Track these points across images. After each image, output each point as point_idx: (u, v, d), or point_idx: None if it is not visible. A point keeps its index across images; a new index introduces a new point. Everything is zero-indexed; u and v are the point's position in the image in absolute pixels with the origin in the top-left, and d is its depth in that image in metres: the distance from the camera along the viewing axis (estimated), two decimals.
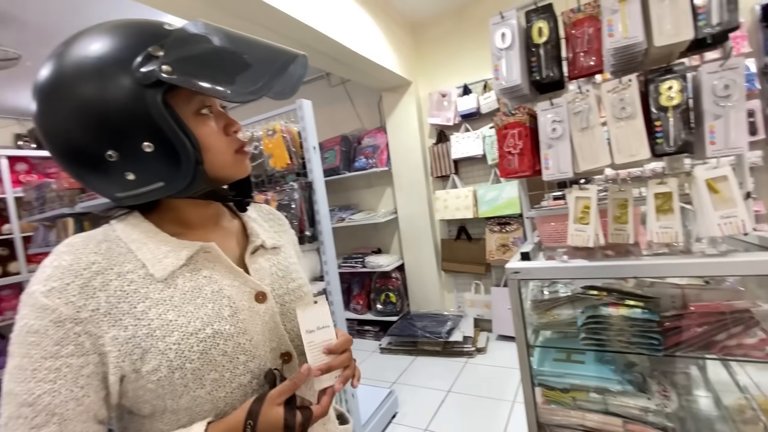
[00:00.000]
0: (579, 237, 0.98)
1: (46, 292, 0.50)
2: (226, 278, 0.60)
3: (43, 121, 0.52)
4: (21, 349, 0.49)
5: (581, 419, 1.07)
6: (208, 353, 0.54)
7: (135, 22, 0.54)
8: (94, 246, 0.54)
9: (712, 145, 0.87)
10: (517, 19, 1.06)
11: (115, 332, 0.51)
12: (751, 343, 0.89)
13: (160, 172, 0.53)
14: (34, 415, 0.48)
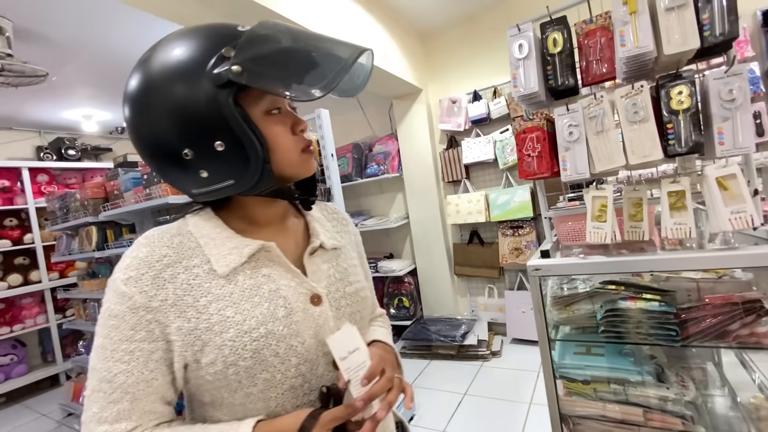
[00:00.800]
0: (597, 234, 1.04)
1: (125, 280, 0.54)
2: (283, 278, 0.60)
3: (133, 124, 0.56)
4: (104, 330, 0.54)
5: (602, 410, 1.12)
6: (261, 353, 0.55)
7: (210, 25, 0.57)
8: (168, 240, 0.57)
9: (721, 146, 0.93)
10: (533, 31, 1.14)
11: (180, 323, 0.54)
12: (763, 331, 0.93)
13: (231, 170, 0.55)
14: (111, 391, 0.52)
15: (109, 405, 0.52)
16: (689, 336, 1.00)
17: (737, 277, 1.11)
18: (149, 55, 0.56)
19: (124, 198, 2.82)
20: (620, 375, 1.11)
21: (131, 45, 3.14)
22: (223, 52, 0.52)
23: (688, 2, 0.93)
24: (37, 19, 2.62)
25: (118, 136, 4.96)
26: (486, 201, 3.47)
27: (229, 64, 0.51)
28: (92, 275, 3.43)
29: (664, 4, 0.94)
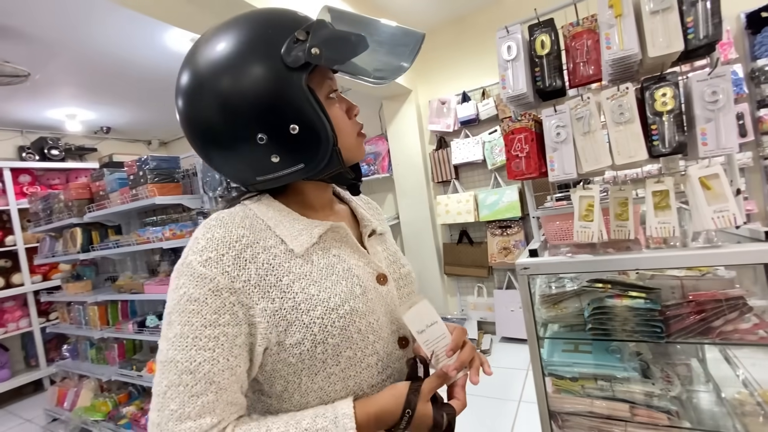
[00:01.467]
0: (584, 233, 1.06)
1: (203, 261, 0.51)
2: (352, 258, 0.61)
3: (193, 113, 0.55)
4: (182, 318, 0.50)
5: (590, 406, 1.13)
6: (347, 329, 0.55)
7: (274, 10, 0.57)
8: (239, 221, 0.55)
9: (705, 146, 0.95)
10: (521, 33, 1.15)
11: (264, 304, 0.52)
12: (745, 327, 0.96)
13: (302, 153, 0.55)
14: (194, 383, 0.48)
15: (191, 399, 0.47)
16: (674, 332, 1.03)
17: (720, 274, 1.13)
18: (213, 41, 0.54)
19: (110, 199, 2.77)
20: (607, 371, 1.13)
21: (118, 43, 3.09)
22: (297, 35, 0.53)
23: (672, 5, 0.95)
24: (19, 15, 2.56)
25: (103, 135, 4.87)
26: (475, 201, 3.50)
27: (305, 47, 0.52)
28: (77, 278, 3.37)
29: (649, 8, 0.96)
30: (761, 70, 2.59)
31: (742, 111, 2.66)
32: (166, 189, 2.55)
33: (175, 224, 2.53)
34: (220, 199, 2.54)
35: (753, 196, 2.72)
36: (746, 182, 2.71)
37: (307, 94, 0.53)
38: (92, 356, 3.22)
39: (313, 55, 0.52)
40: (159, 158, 2.57)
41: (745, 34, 2.68)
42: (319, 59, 0.52)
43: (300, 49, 0.52)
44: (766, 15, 2.60)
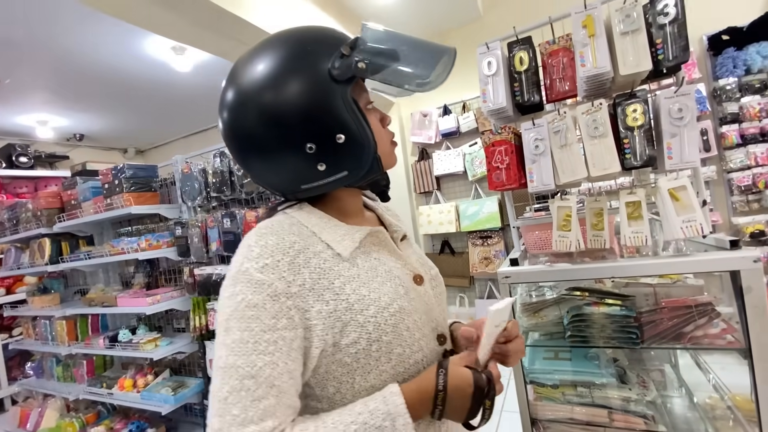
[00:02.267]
0: (562, 242, 1.09)
1: (260, 268, 0.53)
2: (390, 260, 0.64)
3: (239, 125, 0.58)
4: (241, 323, 0.51)
5: (570, 413, 1.15)
6: (398, 327, 0.58)
7: (319, 28, 0.62)
8: (288, 228, 0.58)
9: (670, 160, 1.01)
10: (501, 49, 1.19)
11: (319, 306, 0.54)
12: (714, 332, 1.00)
13: (346, 162, 0.59)
14: (256, 387, 0.49)
15: (253, 403, 0.48)
16: (648, 338, 1.06)
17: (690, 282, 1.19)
18: (261, 57, 0.57)
19: (82, 208, 2.67)
20: (586, 378, 1.15)
21: (94, 48, 3.02)
22: (342, 50, 0.57)
23: (641, 27, 1.00)
24: None
25: (76, 143, 4.72)
26: (456, 212, 3.54)
27: (351, 61, 0.56)
28: (43, 291, 3.21)
29: (620, 29, 1.02)
30: (722, 89, 2.76)
31: (705, 127, 2.82)
32: (143, 198, 2.48)
33: (152, 234, 2.46)
34: (199, 208, 2.49)
35: (717, 207, 2.86)
36: (711, 194, 2.86)
37: (352, 105, 0.57)
38: (59, 374, 3.06)
39: (360, 69, 0.56)
40: (136, 167, 2.50)
41: (707, 55, 2.86)
42: (365, 72, 0.56)
43: (346, 63, 0.56)
44: (727, 38, 2.79)
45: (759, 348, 0.92)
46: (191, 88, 3.77)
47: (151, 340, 2.44)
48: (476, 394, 0.55)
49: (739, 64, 2.72)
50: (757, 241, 2.73)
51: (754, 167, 2.71)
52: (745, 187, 2.73)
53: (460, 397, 0.55)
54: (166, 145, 5.55)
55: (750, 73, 2.71)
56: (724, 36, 2.78)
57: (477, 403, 0.55)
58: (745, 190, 2.75)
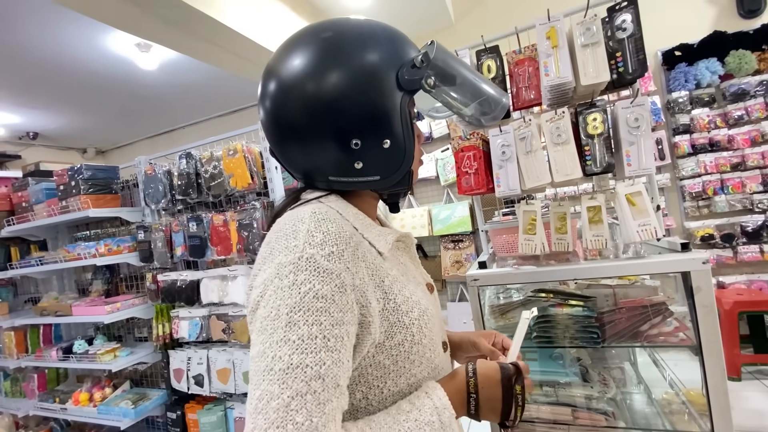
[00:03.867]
0: (528, 245, 1.12)
1: (326, 255, 0.49)
2: (412, 267, 0.65)
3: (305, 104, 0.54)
4: (309, 317, 0.45)
5: (536, 412, 1.18)
6: (432, 330, 0.58)
7: (396, 30, 0.60)
8: (340, 218, 0.55)
9: (629, 167, 1.06)
10: (469, 57, 1.22)
11: (375, 303, 0.52)
12: (668, 331, 1.06)
13: (382, 167, 0.58)
14: (322, 389, 0.44)
15: (318, 407, 0.43)
16: (608, 337, 1.11)
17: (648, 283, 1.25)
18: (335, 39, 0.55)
19: (34, 211, 2.50)
20: (551, 378, 1.19)
21: (49, 42, 2.85)
22: (414, 60, 0.56)
23: (600, 41, 1.05)
24: None
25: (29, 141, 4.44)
26: (429, 216, 3.59)
27: (422, 74, 0.55)
28: None
29: (581, 41, 1.07)
30: (675, 102, 2.94)
31: (660, 137, 2.99)
32: (103, 201, 2.36)
33: (112, 239, 2.34)
34: (163, 211, 2.39)
35: (671, 212, 3.04)
36: (665, 200, 3.03)
37: (407, 116, 0.57)
38: (6, 388, 2.84)
39: (429, 84, 0.56)
40: (95, 167, 2.38)
41: (661, 69, 3.04)
42: (431, 89, 0.56)
43: (417, 74, 0.55)
44: (679, 54, 2.98)
45: (708, 345, 0.98)
46: (156, 86, 3.63)
47: (110, 351, 2.32)
48: (504, 380, 0.56)
49: (690, 78, 2.91)
50: (706, 244, 2.91)
51: (704, 175, 2.90)
52: (695, 193, 2.92)
53: (489, 384, 0.56)
54: (130, 145, 5.31)
55: (700, 87, 2.91)
56: (677, 52, 2.97)
57: (507, 390, 0.56)
58: (695, 197, 2.93)
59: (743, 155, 2.81)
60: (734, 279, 2.88)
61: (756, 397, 2.40)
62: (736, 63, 2.79)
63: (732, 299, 2.58)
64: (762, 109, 2.77)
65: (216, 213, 2.13)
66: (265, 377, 0.44)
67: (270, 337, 0.46)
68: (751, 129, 2.80)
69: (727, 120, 2.86)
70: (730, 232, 2.86)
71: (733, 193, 2.85)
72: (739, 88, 2.81)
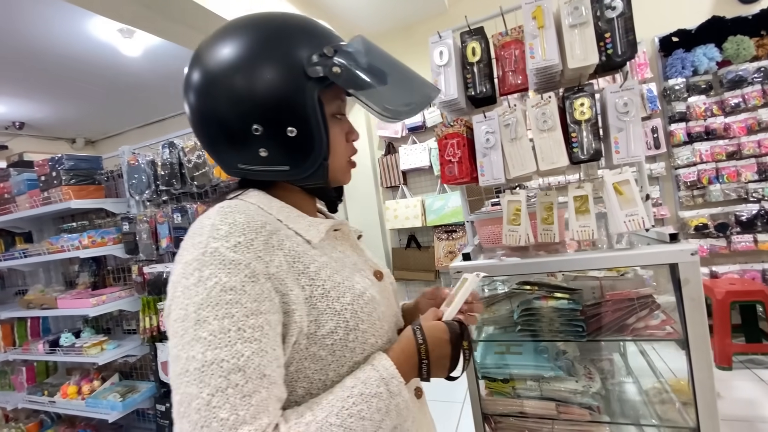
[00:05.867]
0: (512, 236, 1.08)
1: (232, 247, 0.47)
2: (353, 255, 0.64)
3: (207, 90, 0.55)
4: (218, 311, 0.44)
5: (520, 406, 1.16)
6: (372, 315, 0.57)
7: (311, 21, 0.60)
8: (255, 209, 0.54)
9: (617, 154, 1.02)
10: (453, 39, 1.16)
11: (297, 291, 0.51)
12: (655, 324, 1.03)
13: (290, 157, 0.57)
14: (245, 381, 0.43)
15: (244, 400, 0.42)
16: (594, 331, 1.08)
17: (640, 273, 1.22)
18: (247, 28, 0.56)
19: (16, 202, 2.45)
20: (536, 372, 1.16)
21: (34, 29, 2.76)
22: (325, 50, 0.55)
23: (588, 21, 1.00)
24: None
25: (16, 131, 4.35)
26: (422, 206, 3.55)
27: (329, 63, 0.55)
28: None
29: (568, 21, 1.01)
30: (672, 89, 2.89)
31: (656, 125, 2.94)
32: (86, 192, 2.31)
33: (95, 231, 2.30)
34: (148, 203, 2.35)
35: (666, 202, 3.01)
36: (660, 190, 3.00)
37: (316, 105, 0.56)
38: None
39: (333, 73, 0.55)
40: (77, 157, 2.32)
41: (658, 56, 2.98)
42: (337, 78, 0.55)
43: (324, 63, 0.55)
44: (676, 40, 2.91)
45: (695, 338, 0.95)
46: (142, 74, 3.54)
47: (96, 344, 2.29)
48: (453, 338, 0.57)
49: (687, 65, 2.84)
50: (701, 234, 2.89)
51: (699, 164, 2.86)
52: (690, 182, 2.88)
53: (439, 345, 0.57)
54: (120, 135, 5.23)
55: (697, 74, 2.85)
56: (675, 38, 2.90)
57: (456, 347, 0.58)
58: (690, 186, 2.89)
59: (739, 143, 2.77)
60: (727, 268, 2.86)
61: (747, 386, 2.40)
62: (734, 49, 2.73)
63: (725, 289, 2.57)
64: (759, 97, 2.71)
65: (201, 204, 2.09)
66: (182, 380, 0.43)
67: (181, 339, 0.45)
68: (747, 117, 2.75)
69: (724, 108, 2.81)
70: (724, 221, 2.83)
71: (728, 182, 2.81)
72: (736, 74, 2.75)
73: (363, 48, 0.58)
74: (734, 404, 2.23)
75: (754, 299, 2.53)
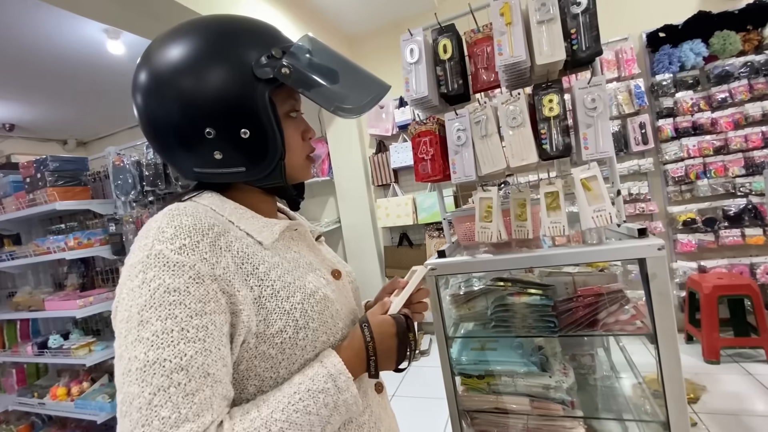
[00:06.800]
0: (484, 233, 1.09)
1: (177, 249, 0.48)
2: (310, 255, 0.65)
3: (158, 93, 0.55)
4: (161, 312, 0.45)
5: (495, 402, 1.17)
6: (323, 314, 0.58)
7: (260, 23, 0.61)
8: (203, 211, 0.54)
9: (586, 150, 1.02)
10: (423, 37, 1.17)
11: (245, 292, 0.52)
12: (624, 319, 1.03)
13: (246, 158, 0.57)
14: (187, 380, 0.44)
15: (186, 399, 0.43)
16: (565, 326, 1.08)
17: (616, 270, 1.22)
18: (195, 31, 0.56)
19: (3, 205, 2.45)
20: (510, 368, 1.17)
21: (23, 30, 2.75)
22: (273, 52, 0.56)
23: (555, 17, 1.00)
24: None
25: (6, 133, 4.34)
26: (414, 204, 3.55)
27: (277, 64, 0.55)
28: None
29: (536, 18, 1.01)
30: (659, 85, 2.89)
31: (644, 121, 2.94)
32: (71, 193, 2.31)
33: (81, 232, 2.30)
34: (134, 203, 2.34)
35: (654, 197, 3.01)
36: (649, 185, 3.00)
37: (267, 106, 0.56)
38: None
39: (282, 74, 0.55)
40: (62, 159, 2.32)
41: (645, 51, 2.98)
42: (286, 79, 0.55)
43: (272, 65, 0.55)
44: (663, 35, 2.91)
45: (663, 332, 0.95)
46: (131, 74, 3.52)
47: (84, 345, 2.30)
48: (400, 332, 0.60)
49: (674, 60, 2.85)
50: (689, 229, 2.90)
51: (687, 159, 2.86)
52: (678, 177, 2.89)
53: (387, 339, 0.59)
54: (111, 136, 5.21)
55: (684, 69, 2.85)
56: (661, 33, 2.90)
57: (402, 341, 0.60)
58: (678, 181, 2.90)
59: (726, 138, 2.78)
60: (716, 263, 2.87)
61: (734, 380, 2.41)
62: (721, 44, 2.73)
63: (712, 283, 2.58)
64: (746, 92, 2.72)
65: None
66: (125, 379, 0.44)
67: (125, 339, 0.46)
68: (734, 112, 2.76)
69: (711, 103, 2.82)
70: (712, 216, 2.84)
71: (716, 177, 2.82)
72: (723, 69, 2.75)
73: (311, 47, 0.59)
74: (721, 398, 2.25)
75: (742, 293, 2.54)
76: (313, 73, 0.57)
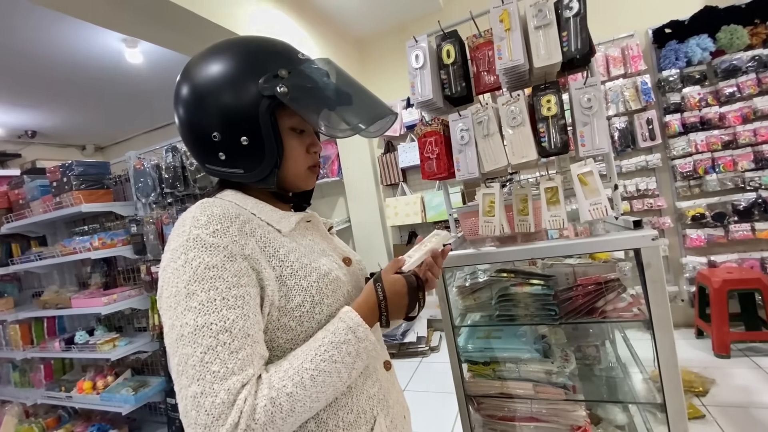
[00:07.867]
0: (487, 227, 1.15)
1: (211, 233, 0.56)
2: (323, 243, 0.72)
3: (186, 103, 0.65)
4: (204, 285, 0.53)
5: (501, 387, 1.22)
6: (337, 293, 0.65)
7: (276, 44, 0.68)
8: (228, 203, 0.62)
9: (583, 147, 1.07)
10: (428, 43, 1.23)
11: (269, 271, 0.59)
12: (622, 306, 1.08)
13: (244, 162, 0.65)
14: (231, 340, 0.51)
15: (232, 356, 0.51)
16: (566, 314, 1.14)
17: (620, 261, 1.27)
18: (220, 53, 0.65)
19: (30, 208, 2.58)
20: (513, 354, 1.22)
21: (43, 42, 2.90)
22: (279, 72, 0.63)
23: (551, 22, 1.06)
24: None
25: (28, 140, 4.52)
26: (422, 203, 3.60)
27: (279, 84, 0.62)
28: None
29: (534, 23, 1.07)
30: (666, 80, 2.90)
31: (651, 117, 2.95)
32: (95, 196, 2.43)
33: (105, 233, 2.41)
34: (154, 205, 2.45)
35: (663, 192, 3.02)
36: (657, 181, 3.01)
37: (267, 120, 0.63)
38: (15, 379, 2.97)
39: (280, 93, 0.61)
40: (86, 163, 2.44)
41: (652, 48, 2.99)
42: (283, 97, 0.61)
43: (275, 83, 0.62)
44: (669, 31, 2.92)
45: (658, 319, 1.00)
46: (147, 81, 3.66)
47: (109, 341, 2.41)
48: (410, 293, 0.67)
49: (680, 56, 2.85)
50: (698, 224, 2.90)
51: (695, 154, 2.87)
52: (687, 173, 2.89)
53: (398, 299, 0.66)
54: (127, 141, 5.38)
55: (691, 64, 2.85)
56: (667, 29, 2.91)
57: (413, 299, 0.68)
58: (687, 176, 2.90)
59: (735, 133, 2.77)
60: (726, 258, 2.87)
61: (744, 374, 2.42)
62: (728, 38, 2.73)
63: (721, 278, 2.58)
64: (754, 85, 2.71)
65: None
66: (179, 343, 0.52)
67: (174, 311, 0.53)
68: (742, 106, 2.75)
69: (719, 97, 2.81)
70: (721, 210, 2.84)
71: (725, 171, 2.82)
72: (730, 64, 2.75)
73: (314, 71, 0.66)
74: (730, 391, 2.25)
75: (752, 287, 2.54)
76: (312, 95, 0.64)
